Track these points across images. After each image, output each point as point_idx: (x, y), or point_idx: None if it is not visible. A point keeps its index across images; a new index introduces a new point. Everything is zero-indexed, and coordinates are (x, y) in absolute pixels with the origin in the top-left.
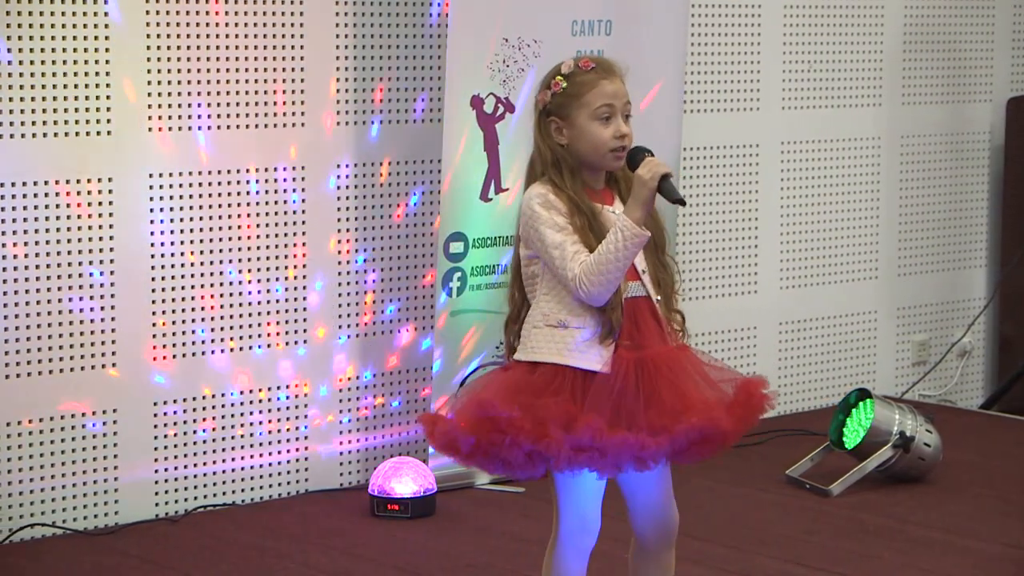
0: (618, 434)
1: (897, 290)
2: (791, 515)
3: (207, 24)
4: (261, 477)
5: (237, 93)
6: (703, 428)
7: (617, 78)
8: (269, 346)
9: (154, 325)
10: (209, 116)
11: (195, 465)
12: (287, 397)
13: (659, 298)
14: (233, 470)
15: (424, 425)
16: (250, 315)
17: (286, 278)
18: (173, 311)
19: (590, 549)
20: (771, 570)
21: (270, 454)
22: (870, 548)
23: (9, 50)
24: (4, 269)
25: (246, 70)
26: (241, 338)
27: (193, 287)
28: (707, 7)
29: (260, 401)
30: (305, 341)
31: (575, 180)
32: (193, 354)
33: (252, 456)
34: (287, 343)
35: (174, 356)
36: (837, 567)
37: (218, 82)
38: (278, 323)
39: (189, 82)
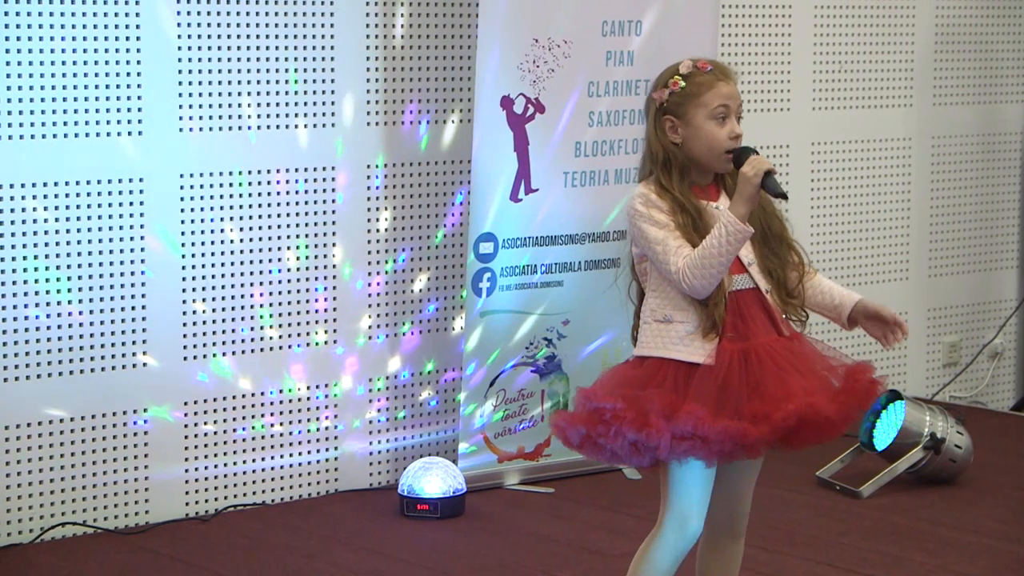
0: (720, 422)
1: (928, 291)
2: (822, 517)
3: (238, 24)
4: (291, 477)
5: (268, 93)
6: (800, 414)
7: (732, 81)
8: (300, 346)
9: (185, 325)
10: (240, 116)
11: (225, 464)
12: (318, 397)
13: (769, 288)
14: (263, 469)
15: (551, 421)
16: (281, 315)
17: (317, 278)
18: (204, 311)
19: (685, 551)
20: (801, 571)
21: (300, 454)
22: (901, 550)
23: (41, 51)
24: (36, 269)
25: (276, 70)
26: (272, 338)
27: (224, 287)
28: (738, 7)
29: (291, 400)
30: (335, 341)
31: (683, 180)
32: (224, 354)
33: (282, 456)
34: (318, 343)
35: (205, 356)
36: (867, 569)
37: (249, 82)
38: (309, 323)
39: (220, 82)
